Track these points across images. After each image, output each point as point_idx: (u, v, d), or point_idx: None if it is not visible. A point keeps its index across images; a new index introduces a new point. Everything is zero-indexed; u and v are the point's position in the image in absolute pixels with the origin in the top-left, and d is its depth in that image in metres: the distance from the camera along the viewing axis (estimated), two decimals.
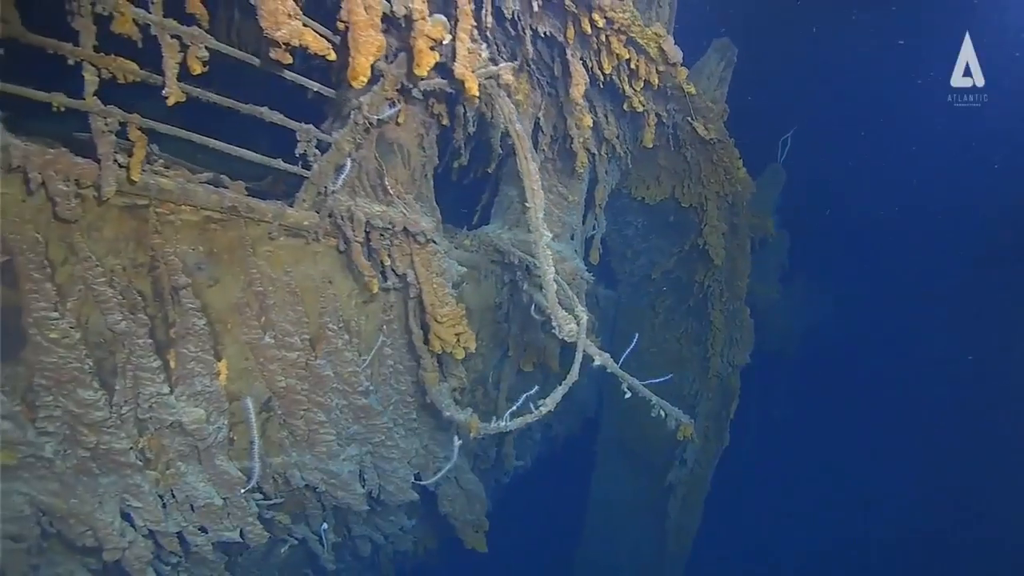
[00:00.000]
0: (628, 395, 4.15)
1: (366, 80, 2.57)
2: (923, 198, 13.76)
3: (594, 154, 4.20)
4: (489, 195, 4.77)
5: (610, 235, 5.14)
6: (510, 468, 5.93)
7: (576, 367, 3.57)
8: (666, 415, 4.45)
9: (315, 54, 2.48)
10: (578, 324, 3.62)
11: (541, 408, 3.57)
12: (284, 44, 2.42)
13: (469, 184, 5.12)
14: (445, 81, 2.93)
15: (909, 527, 13.00)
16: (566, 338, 3.58)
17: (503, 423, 3.66)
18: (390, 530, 4.94)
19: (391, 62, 2.96)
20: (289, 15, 2.38)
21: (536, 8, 2.97)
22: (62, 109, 2.52)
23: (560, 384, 3.46)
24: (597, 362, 3.94)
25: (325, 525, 4.24)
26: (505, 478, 6.32)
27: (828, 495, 13.27)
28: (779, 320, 6.82)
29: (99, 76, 2.53)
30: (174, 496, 3.28)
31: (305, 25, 2.46)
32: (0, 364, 2.72)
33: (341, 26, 2.57)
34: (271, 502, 3.78)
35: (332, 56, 2.52)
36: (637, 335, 4.07)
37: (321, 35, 2.56)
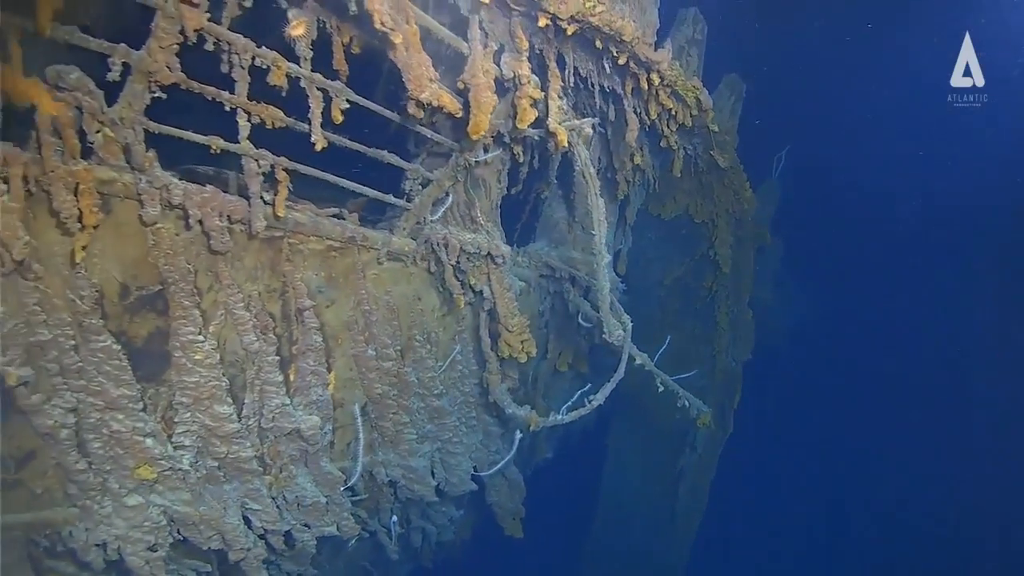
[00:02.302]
0: (661, 389, 4.86)
1: (484, 132, 3.05)
2: (922, 199, 13.73)
3: (629, 182, 4.83)
4: (529, 215, 5.31)
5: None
6: (539, 460, 6.50)
7: (622, 366, 4.22)
8: (689, 405, 5.21)
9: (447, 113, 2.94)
10: (624, 330, 4.28)
11: (593, 402, 4.20)
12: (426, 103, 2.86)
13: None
14: (536, 131, 3.45)
15: (889, 511, 13.68)
16: (615, 342, 4.21)
17: (560, 416, 4.24)
18: (440, 520, 5.39)
19: None
20: (431, 80, 2.83)
21: (607, 70, 3.54)
22: (218, 151, 2.84)
23: (608, 381, 4.12)
24: (638, 361, 4.63)
25: (395, 518, 4.65)
26: (527, 470, 6.87)
27: (812, 473, 13.99)
28: (771, 320, 7.72)
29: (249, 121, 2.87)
30: (284, 497, 3.62)
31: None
32: (144, 385, 2.99)
33: (461, 86, 3.03)
34: (357, 498, 4.16)
35: (460, 114, 2.98)
36: (669, 337, 4.75)
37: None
